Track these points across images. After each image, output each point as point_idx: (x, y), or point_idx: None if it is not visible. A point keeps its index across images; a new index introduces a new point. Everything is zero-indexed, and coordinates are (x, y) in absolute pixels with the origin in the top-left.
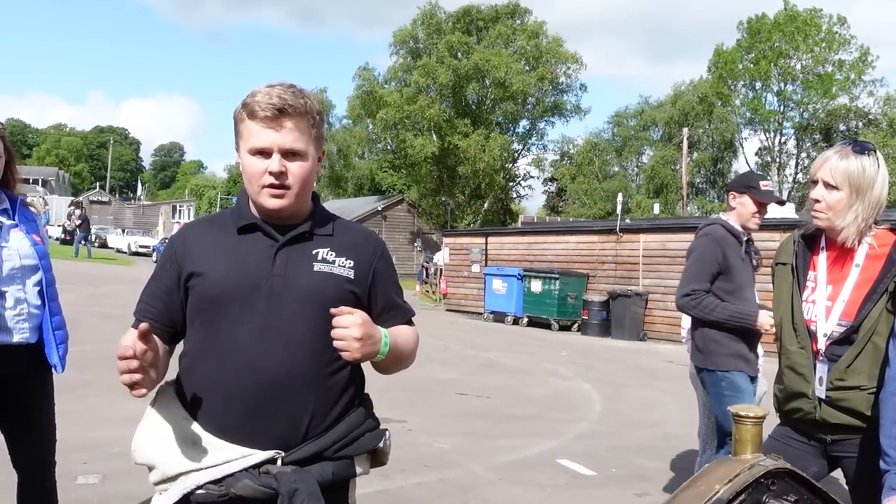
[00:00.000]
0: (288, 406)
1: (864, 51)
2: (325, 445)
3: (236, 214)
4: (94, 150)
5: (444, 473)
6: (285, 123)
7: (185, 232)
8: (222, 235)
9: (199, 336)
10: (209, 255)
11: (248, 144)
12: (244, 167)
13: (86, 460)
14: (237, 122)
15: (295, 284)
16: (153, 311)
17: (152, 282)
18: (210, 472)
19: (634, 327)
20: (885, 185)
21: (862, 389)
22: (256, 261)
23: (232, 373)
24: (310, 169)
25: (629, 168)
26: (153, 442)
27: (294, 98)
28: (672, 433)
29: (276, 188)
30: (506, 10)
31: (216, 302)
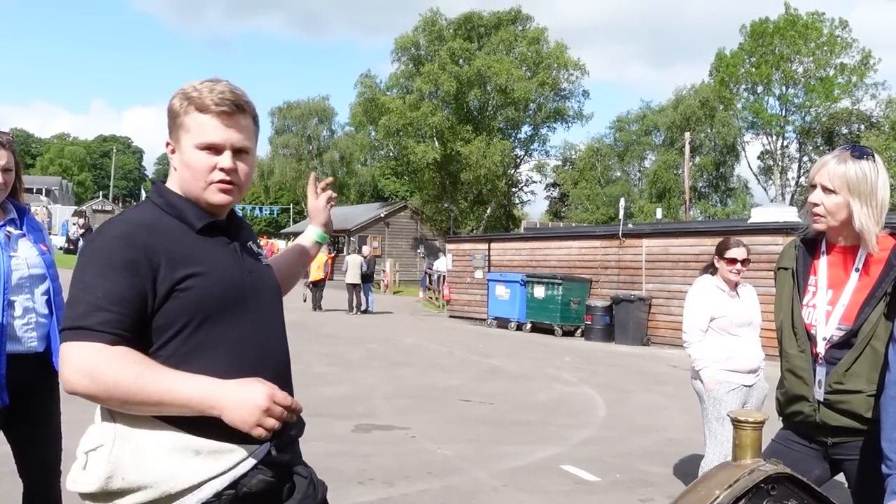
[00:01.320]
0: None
1: (866, 54)
2: (299, 429)
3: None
4: (98, 160)
5: (448, 480)
6: (239, 121)
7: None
8: (186, 235)
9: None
10: (195, 256)
11: (196, 139)
12: (189, 161)
13: None
14: (180, 115)
15: (263, 279)
16: (127, 321)
17: (112, 288)
18: (226, 476)
19: (638, 332)
20: (887, 188)
21: (861, 393)
22: (230, 259)
23: (247, 369)
24: (252, 167)
25: (631, 173)
26: (143, 460)
27: (243, 95)
28: (676, 438)
29: (226, 184)
30: (507, 17)
31: (219, 301)
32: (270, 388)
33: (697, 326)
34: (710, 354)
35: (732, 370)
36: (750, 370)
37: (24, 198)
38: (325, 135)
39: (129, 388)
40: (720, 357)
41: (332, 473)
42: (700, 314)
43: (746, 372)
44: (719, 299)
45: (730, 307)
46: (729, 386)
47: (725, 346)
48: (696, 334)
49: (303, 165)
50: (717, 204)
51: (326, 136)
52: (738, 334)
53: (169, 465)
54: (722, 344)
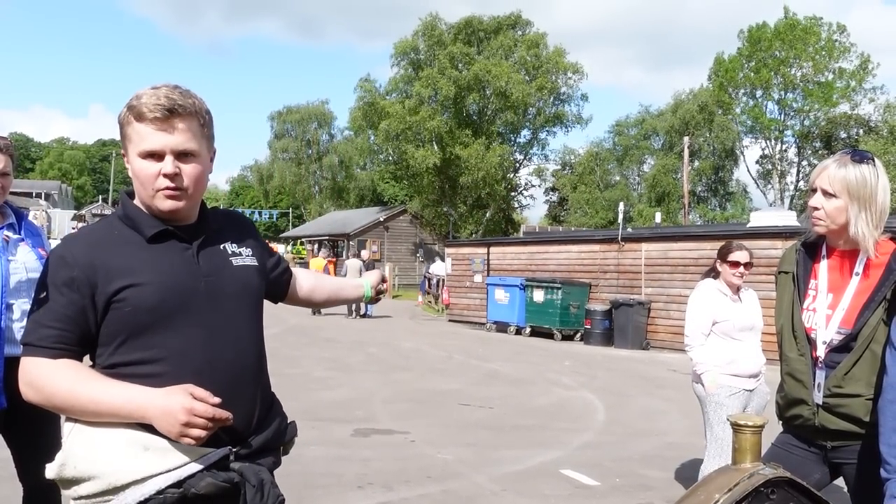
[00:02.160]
0: (243, 401)
1: (865, 58)
2: (268, 437)
3: (135, 222)
4: (97, 164)
5: (447, 485)
6: (176, 124)
7: (83, 248)
8: (131, 245)
9: (134, 348)
10: (132, 267)
11: (137, 148)
12: (135, 171)
13: None
14: (123, 126)
15: (225, 282)
16: (67, 336)
17: (52, 307)
18: (171, 475)
19: (637, 336)
20: (888, 192)
21: (860, 396)
22: (182, 265)
23: (191, 376)
24: (203, 169)
25: (630, 177)
26: (94, 453)
27: (182, 98)
28: (676, 442)
29: (171, 190)
30: (507, 22)
31: (155, 311)
32: (189, 402)
33: (699, 330)
34: (711, 358)
35: (734, 374)
36: (751, 374)
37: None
38: (325, 139)
39: (64, 399)
40: (722, 361)
41: (332, 478)
42: (702, 318)
43: (748, 376)
44: (722, 303)
45: (732, 311)
46: (730, 390)
47: (727, 350)
48: (698, 338)
49: (302, 169)
50: (716, 208)
51: (326, 140)
52: (740, 338)
53: (115, 459)
54: (724, 348)
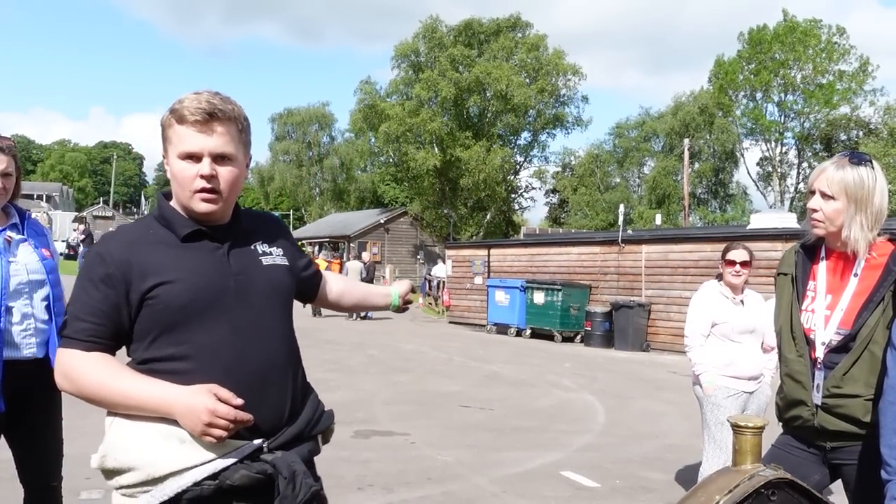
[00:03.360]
0: (273, 395)
1: (865, 61)
2: (301, 427)
3: (170, 222)
4: (98, 166)
5: (447, 486)
6: (215, 128)
7: (120, 246)
8: (165, 245)
9: (166, 344)
10: (165, 266)
11: (177, 149)
12: (174, 173)
13: (89, 475)
14: (165, 128)
15: (255, 281)
16: (101, 330)
17: (88, 301)
18: (206, 467)
19: (637, 338)
20: (885, 195)
21: (859, 397)
22: (213, 264)
23: (221, 372)
24: (238, 174)
25: (631, 179)
26: (133, 445)
27: (222, 103)
28: (676, 444)
29: (207, 192)
30: (507, 24)
31: (186, 308)
32: (213, 403)
33: (698, 331)
34: (710, 359)
35: (732, 376)
36: (750, 377)
37: (23, 204)
38: (326, 141)
39: (95, 391)
40: (720, 363)
41: (332, 479)
42: (701, 319)
43: (747, 378)
44: (721, 305)
45: (731, 314)
46: (728, 391)
47: (726, 352)
48: (697, 339)
49: (303, 171)
50: (716, 210)
51: (326, 142)
52: (740, 341)
53: (153, 451)
54: (723, 350)
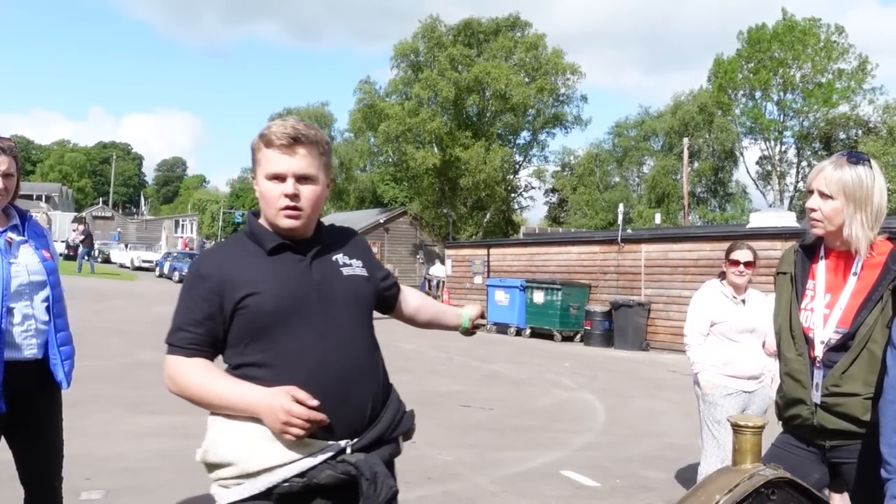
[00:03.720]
0: (355, 398)
1: (864, 59)
2: (383, 430)
3: (258, 237)
4: (97, 166)
5: (447, 486)
6: (298, 150)
7: (215, 262)
8: (254, 258)
9: (256, 349)
10: (254, 278)
11: (264, 170)
12: (262, 192)
13: (89, 476)
14: (255, 152)
15: (336, 290)
16: (200, 338)
17: (188, 313)
18: (295, 466)
19: (637, 337)
20: (884, 193)
21: (857, 395)
22: (297, 275)
23: (304, 375)
24: (320, 193)
25: (630, 178)
26: (230, 441)
27: (306, 129)
28: (676, 443)
29: (290, 209)
30: (506, 23)
31: (272, 316)
32: (289, 404)
33: (697, 330)
34: (708, 358)
35: (731, 375)
36: (750, 376)
37: (22, 204)
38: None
39: (194, 393)
40: (718, 362)
41: None
42: (700, 318)
43: (746, 378)
44: (721, 304)
45: (731, 313)
46: (726, 390)
47: (724, 351)
48: (696, 338)
49: None
50: (715, 209)
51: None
52: (739, 340)
53: (248, 449)
54: (721, 349)
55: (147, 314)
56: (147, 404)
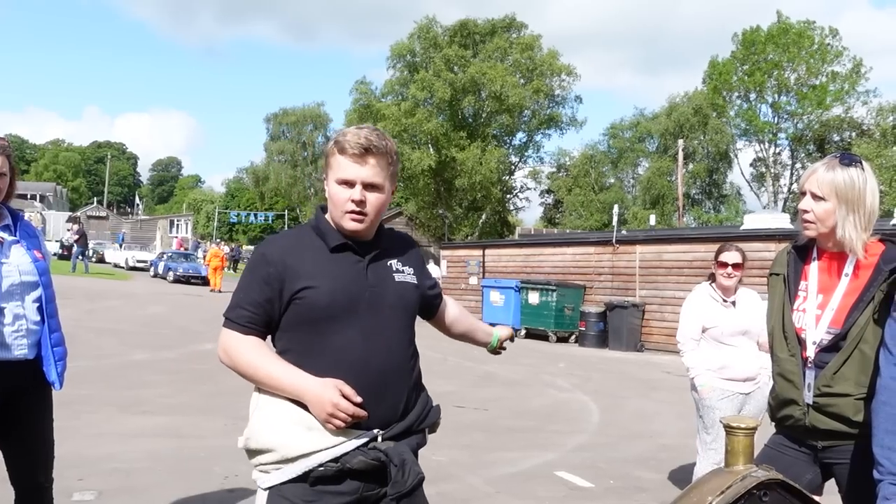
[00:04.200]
0: (392, 393)
1: (858, 62)
2: (412, 422)
3: (323, 234)
4: (92, 166)
5: (441, 487)
6: (369, 160)
7: (280, 249)
8: (317, 253)
9: (305, 338)
10: (314, 272)
11: (336, 175)
12: (331, 194)
13: (81, 476)
14: (328, 157)
15: (386, 294)
16: (257, 318)
17: (249, 293)
18: (330, 451)
19: (632, 338)
20: (876, 195)
21: (849, 396)
22: (353, 275)
23: (346, 368)
24: (384, 200)
25: (625, 179)
26: (270, 429)
27: (378, 139)
28: (670, 444)
29: (356, 213)
30: (502, 24)
31: (325, 310)
32: (337, 397)
33: (689, 336)
34: (703, 362)
35: (727, 378)
36: (745, 378)
37: (16, 204)
38: (321, 141)
39: (245, 369)
40: (714, 366)
41: None
42: (691, 324)
43: (742, 380)
44: (711, 309)
45: (721, 317)
46: (722, 393)
47: (719, 355)
48: (689, 343)
49: (298, 172)
50: (710, 211)
51: (322, 142)
52: (732, 343)
53: (286, 436)
54: (716, 353)
55: (141, 314)
56: (140, 404)
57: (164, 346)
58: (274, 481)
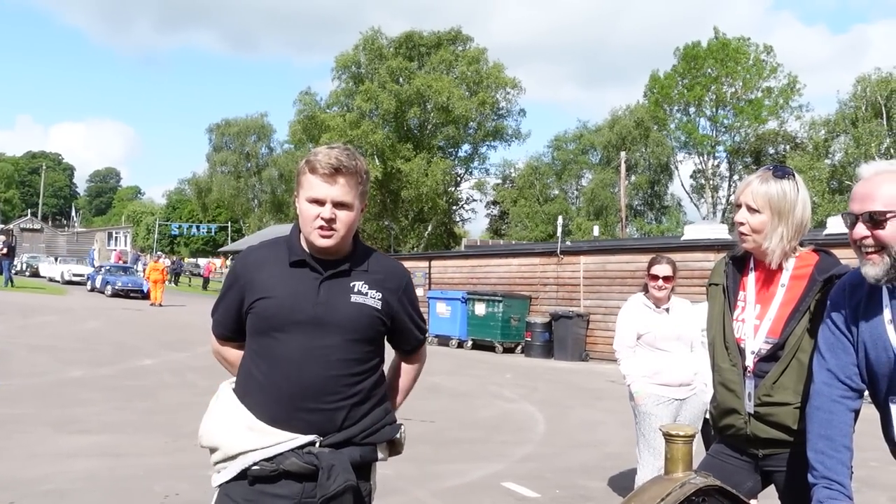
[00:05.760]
0: (326, 403)
1: (793, 78)
2: (354, 434)
3: (290, 248)
4: (26, 177)
5: (388, 500)
6: (339, 180)
7: (245, 264)
8: (278, 267)
9: (255, 345)
10: (268, 285)
11: (306, 194)
12: (301, 211)
13: (13, 500)
14: (299, 175)
15: (335, 312)
16: (226, 331)
17: (222, 302)
18: (265, 451)
19: (577, 348)
20: (807, 207)
21: (788, 405)
22: (304, 290)
23: (281, 377)
24: (353, 217)
25: (569, 191)
26: (217, 429)
27: (348, 160)
28: (615, 453)
29: (325, 230)
30: (447, 37)
31: (271, 322)
32: None
33: (624, 343)
34: (638, 369)
35: (661, 384)
36: (680, 384)
37: None
38: (264, 152)
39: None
40: (648, 371)
41: None
42: (626, 331)
43: (676, 385)
44: (644, 316)
45: (654, 323)
46: (658, 399)
47: (653, 360)
48: (625, 351)
49: (241, 183)
50: (651, 221)
51: (265, 153)
52: (667, 349)
53: (227, 435)
54: (650, 359)
55: (77, 330)
56: (76, 423)
57: (101, 362)
58: (222, 479)
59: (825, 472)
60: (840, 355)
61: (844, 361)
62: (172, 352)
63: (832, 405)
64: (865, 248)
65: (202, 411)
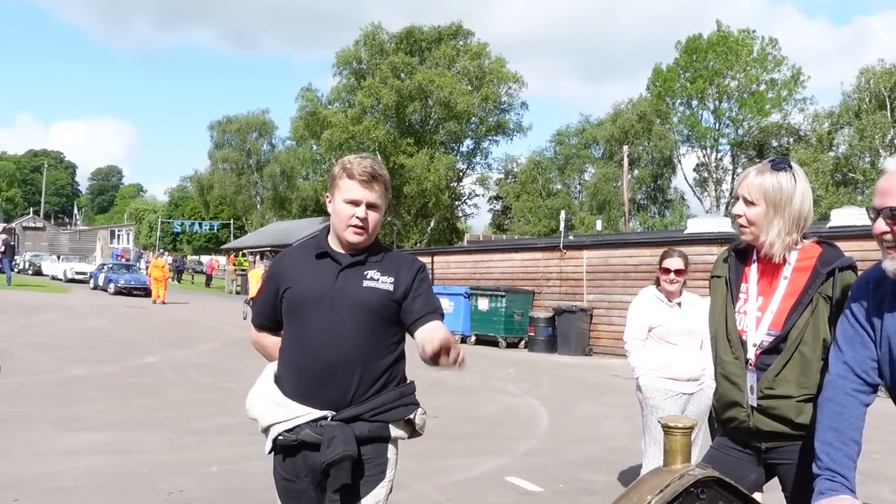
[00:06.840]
0: (339, 380)
1: (797, 70)
2: (363, 410)
3: (316, 245)
4: (28, 175)
5: (392, 496)
6: (374, 186)
7: (281, 260)
8: (306, 260)
9: (288, 330)
10: (295, 275)
11: (344, 195)
12: (337, 210)
13: (17, 497)
14: (335, 178)
15: (350, 295)
16: (267, 317)
17: (261, 294)
18: (287, 423)
19: (580, 343)
20: (806, 199)
21: (790, 398)
22: (324, 279)
23: (305, 356)
24: (379, 219)
25: (572, 185)
26: (253, 403)
27: (380, 169)
28: (618, 447)
29: (358, 228)
30: (448, 32)
31: (297, 307)
32: None
33: (636, 336)
34: (648, 362)
35: (670, 378)
36: (689, 378)
37: None
38: (266, 149)
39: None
40: (658, 365)
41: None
42: (638, 324)
43: (685, 380)
44: (657, 309)
45: (666, 317)
46: (666, 393)
47: (663, 354)
48: (635, 343)
49: (243, 180)
50: (655, 215)
51: (267, 150)
52: (677, 343)
53: (261, 408)
54: (660, 352)
55: (80, 328)
56: (79, 421)
57: (103, 360)
58: (266, 448)
59: (830, 464)
60: (858, 349)
61: (862, 355)
62: (175, 349)
63: (845, 398)
64: (887, 242)
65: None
